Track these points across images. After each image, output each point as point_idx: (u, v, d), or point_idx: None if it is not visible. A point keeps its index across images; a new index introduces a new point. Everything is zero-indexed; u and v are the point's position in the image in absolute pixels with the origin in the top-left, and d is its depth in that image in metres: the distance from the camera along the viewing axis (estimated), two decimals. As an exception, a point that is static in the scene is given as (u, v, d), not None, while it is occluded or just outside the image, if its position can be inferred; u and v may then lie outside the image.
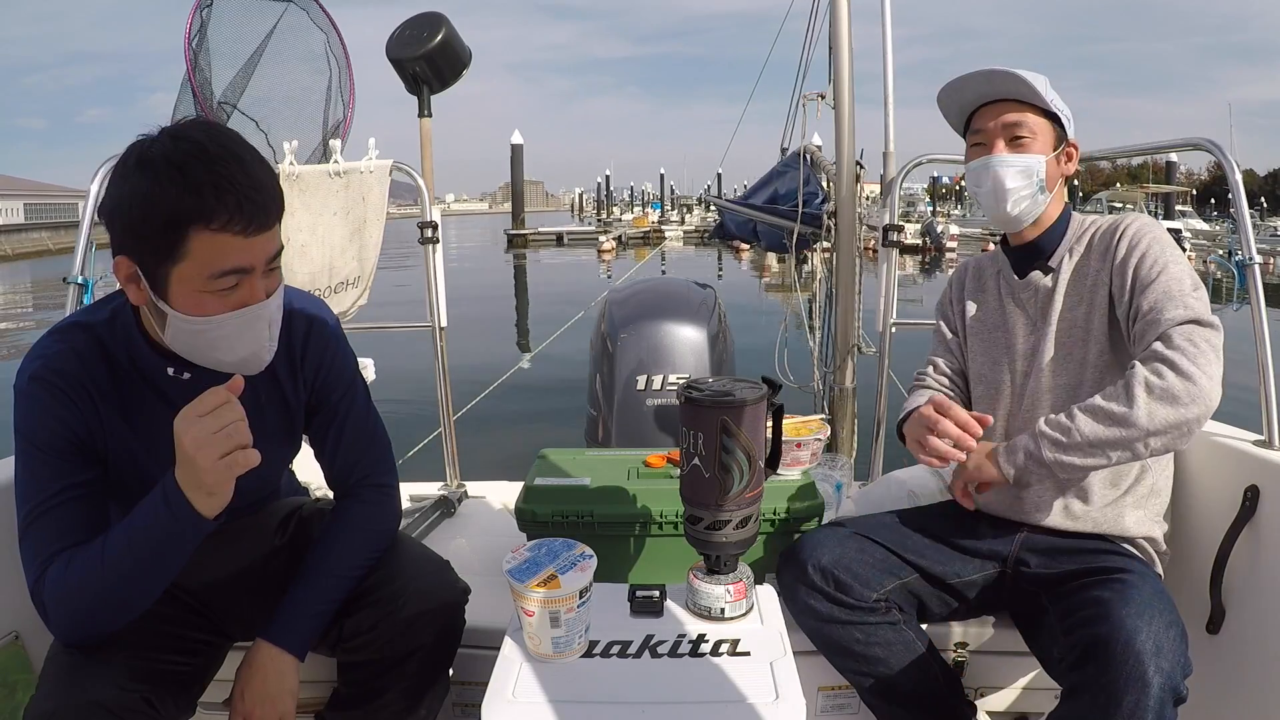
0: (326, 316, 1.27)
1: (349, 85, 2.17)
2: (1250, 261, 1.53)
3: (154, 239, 0.96)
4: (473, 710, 1.46)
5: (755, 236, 3.44)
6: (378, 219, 2.12)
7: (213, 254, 0.97)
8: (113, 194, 0.98)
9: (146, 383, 1.11)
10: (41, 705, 0.98)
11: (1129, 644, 1.02)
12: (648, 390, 2.35)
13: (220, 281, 0.99)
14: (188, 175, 0.94)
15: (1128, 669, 1.01)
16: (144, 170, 0.95)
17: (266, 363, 1.10)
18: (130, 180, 0.96)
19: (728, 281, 20.15)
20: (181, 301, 0.99)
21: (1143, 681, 1.00)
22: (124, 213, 0.96)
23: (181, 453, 0.96)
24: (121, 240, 0.99)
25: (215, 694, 1.21)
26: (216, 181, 0.94)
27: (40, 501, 1.04)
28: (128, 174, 0.96)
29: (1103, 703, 1.02)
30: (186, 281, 0.98)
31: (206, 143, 0.97)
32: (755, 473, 1.18)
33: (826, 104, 2.88)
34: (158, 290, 1.00)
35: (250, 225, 0.97)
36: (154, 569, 1.02)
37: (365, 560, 1.22)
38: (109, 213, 0.99)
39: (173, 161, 0.94)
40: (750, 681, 1.05)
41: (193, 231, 0.95)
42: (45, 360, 1.07)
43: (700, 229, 41.98)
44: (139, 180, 0.95)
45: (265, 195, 0.99)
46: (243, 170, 0.97)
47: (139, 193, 0.95)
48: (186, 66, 1.87)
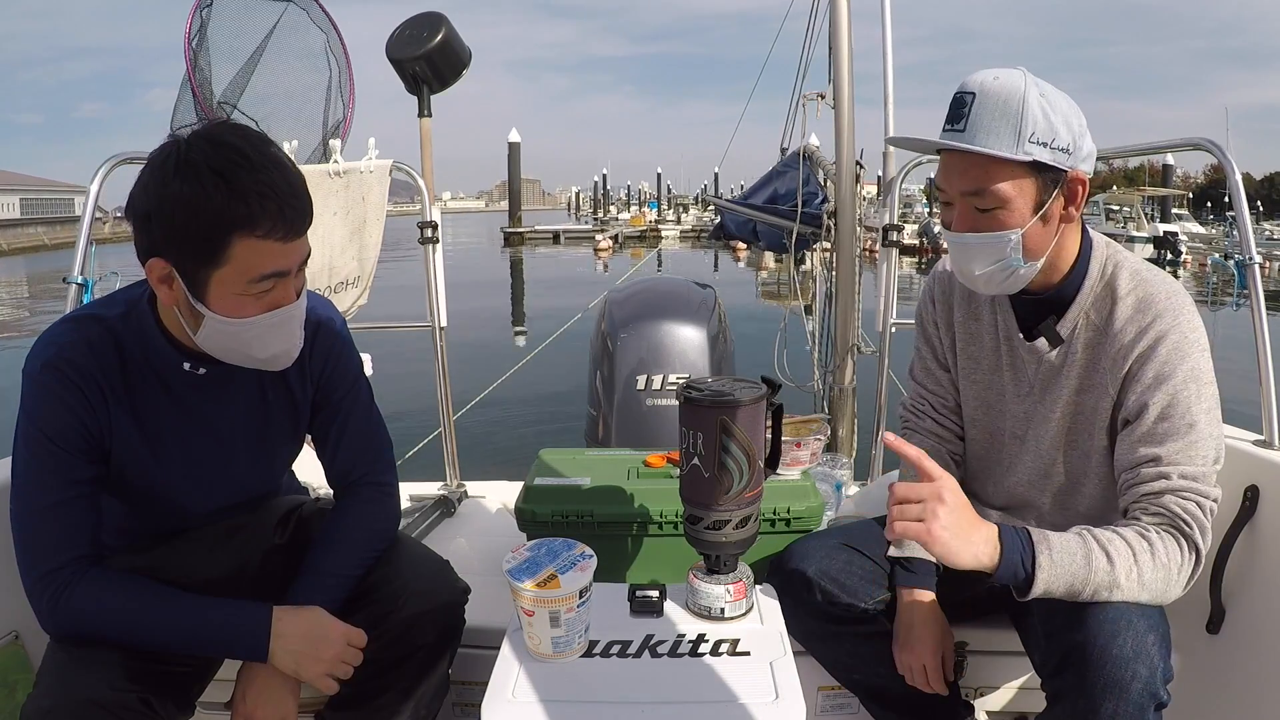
0: (334, 316, 1.28)
1: (349, 85, 2.17)
2: (1250, 261, 1.53)
3: (196, 244, 0.98)
4: (473, 710, 1.46)
5: (755, 236, 3.44)
6: (377, 219, 2.12)
7: (254, 259, 1.00)
8: (151, 197, 0.98)
9: (158, 379, 1.12)
10: (39, 703, 0.98)
11: (1106, 649, 1.00)
12: (647, 390, 2.35)
13: (259, 285, 1.02)
14: (232, 183, 0.96)
15: (1105, 675, 0.99)
16: (185, 176, 0.96)
17: (294, 358, 1.14)
18: (172, 185, 0.96)
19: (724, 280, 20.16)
20: (219, 304, 1.02)
21: (1120, 688, 0.98)
22: (166, 217, 0.97)
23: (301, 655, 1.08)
24: (160, 243, 1.00)
25: (215, 694, 1.20)
26: (261, 190, 0.97)
27: (46, 496, 1.05)
28: (168, 179, 0.96)
29: (1082, 708, 1.01)
30: (226, 285, 1.01)
31: (248, 150, 0.98)
32: (755, 473, 1.17)
33: (826, 104, 2.88)
34: (196, 292, 1.02)
35: (290, 232, 1.01)
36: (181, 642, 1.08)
37: (364, 559, 1.22)
38: (145, 215, 0.99)
39: (215, 169, 0.96)
40: (750, 681, 1.05)
41: (236, 238, 0.98)
42: (59, 349, 1.07)
43: (697, 228, 42.00)
44: (181, 186, 0.96)
45: (303, 202, 1.02)
46: (284, 178, 1.00)
47: (182, 198, 0.96)
48: (186, 66, 1.86)
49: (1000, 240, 1.13)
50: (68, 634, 1.06)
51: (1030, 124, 1.07)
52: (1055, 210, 1.13)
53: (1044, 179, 1.11)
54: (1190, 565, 1.08)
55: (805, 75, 3.25)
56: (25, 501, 1.06)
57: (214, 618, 1.08)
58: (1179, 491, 1.09)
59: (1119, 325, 1.16)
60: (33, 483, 1.06)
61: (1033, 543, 1.05)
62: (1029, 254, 1.15)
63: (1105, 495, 1.25)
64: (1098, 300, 1.20)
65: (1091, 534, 1.07)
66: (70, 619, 1.04)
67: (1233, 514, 1.39)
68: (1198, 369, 1.12)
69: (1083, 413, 1.22)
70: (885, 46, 2.45)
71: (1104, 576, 1.04)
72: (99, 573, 1.06)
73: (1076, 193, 1.14)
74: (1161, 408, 1.12)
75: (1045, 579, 1.03)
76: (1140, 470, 1.12)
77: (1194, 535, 1.07)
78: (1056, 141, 1.09)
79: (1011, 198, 1.11)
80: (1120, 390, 1.16)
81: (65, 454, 1.06)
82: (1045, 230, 1.14)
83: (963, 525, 1.04)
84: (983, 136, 1.08)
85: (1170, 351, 1.12)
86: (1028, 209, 1.12)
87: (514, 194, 49.54)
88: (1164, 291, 1.15)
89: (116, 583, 1.07)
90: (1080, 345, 1.21)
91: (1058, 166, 1.10)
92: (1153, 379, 1.12)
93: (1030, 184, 1.11)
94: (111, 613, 1.05)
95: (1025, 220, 1.12)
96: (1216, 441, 1.12)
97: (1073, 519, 1.25)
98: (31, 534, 1.05)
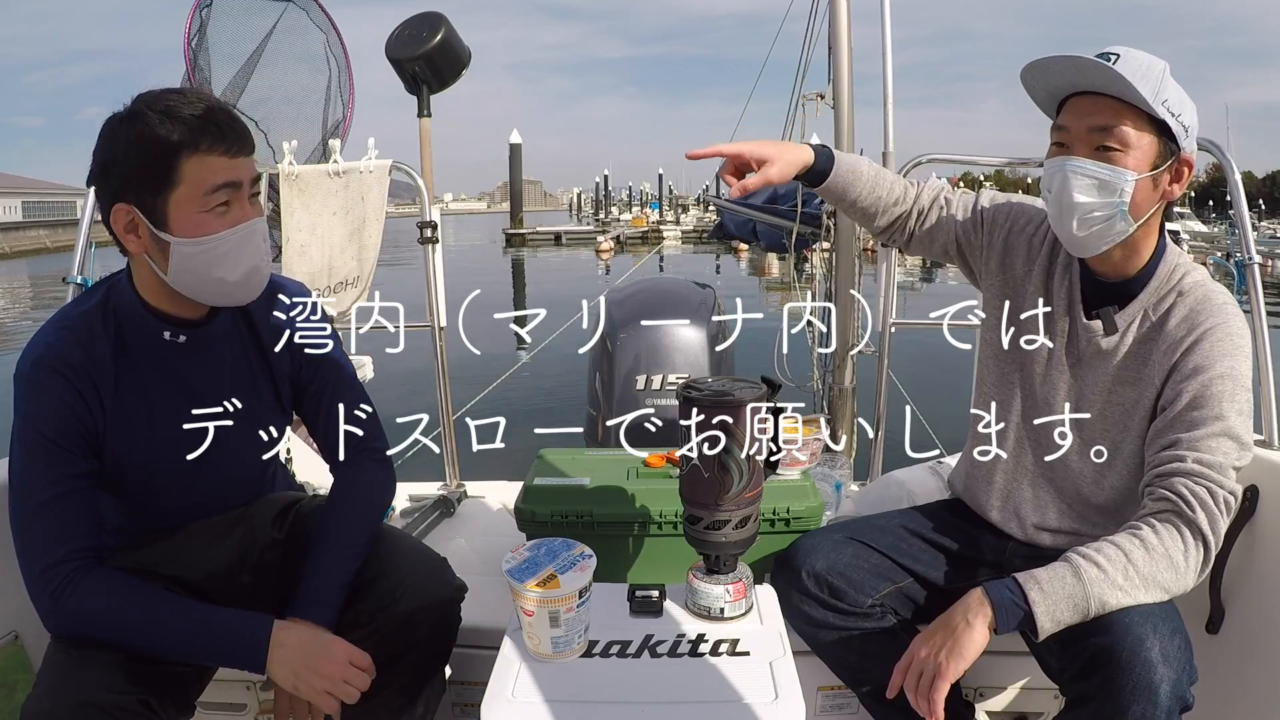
0: (306, 294, 1.31)
1: (348, 85, 2.17)
2: (1250, 261, 1.53)
3: (151, 173, 1.07)
4: (472, 710, 1.46)
5: (755, 236, 3.45)
6: (377, 219, 2.11)
7: (204, 173, 1.08)
8: (104, 151, 1.09)
9: (144, 353, 1.15)
10: (38, 704, 0.98)
11: (1135, 653, 1.00)
12: (647, 390, 2.35)
13: (214, 198, 1.09)
14: (172, 114, 1.06)
15: (1134, 678, 0.99)
16: (131, 120, 1.07)
17: (265, 280, 1.19)
18: (119, 132, 1.07)
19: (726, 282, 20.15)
20: (181, 225, 1.08)
21: (1150, 690, 0.98)
22: (119, 159, 1.07)
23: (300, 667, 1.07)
24: (118, 187, 1.08)
25: (215, 694, 1.21)
26: (198, 113, 1.07)
27: (42, 491, 1.06)
28: (116, 129, 1.08)
29: (1110, 711, 1.00)
30: (184, 206, 1.08)
31: (184, 90, 1.14)
32: (755, 473, 1.17)
33: (826, 104, 2.88)
34: (158, 223, 1.08)
35: (232, 147, 1.10)
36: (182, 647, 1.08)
37: (368, 526, 1.24)
38: (102, 167, 1.09)
39: (155, 108, 1.07)
40: (750, 681, 1.05)
41: (184, 157, 1.07)
42: (48, 346, 1.10)
43: (698, 229, 42.02)
44: (128, 129, 1.07)
45: (239, 124, 1.13)
46: (219, 105, 1.12)
47: (131, 138, 1.06)
48: (186, 66, 1.86)
49: (1116, 176, 1.14)
50: (69, 633, 1.06)
51: (1166, 91, 1.13)
52: (1163, 180, 1.17)
53: (1164, 145, 1.15)
54: (1197, 551, 1.07)
55: (805, 75, 3.26)
56: (22, 498, 1.07)
57: (215, 625, 1.09)
58: (1192, 475, 1.09)
59: (1174, 324, 1.18)
60: (29, 479, 1.07)
61: (1018, 583, 1.07)
62: (1134, 208, 1.16)
63: (1125, 493, 1.25)
64: (1161, 300, 1.21)
65: (1076, 551, 1.08)
66: (72, 618, 1.05)
67: (1233, 514, 1.39)
68: (1236, 369, 1.13)
69: (1121, 404, 1.23)
70: (885, 46, 2.45)
71: (1102, 585, 1.04)
72: (102, 573, 1.07)
73: (1183, 173, 1.17)
74: (1193, 396, 1.13)
75: (1046, 609, 1.04)
76: (1160, 453, 1.13)
77: (1198, 520, 1.06)
78: (1184, 117, 1.14)
79: (1134, 145, 1.14)
80: (1164, 383, 1.18)
81: (60, 449, 1.07)
82: (1152, 195, 1.17)
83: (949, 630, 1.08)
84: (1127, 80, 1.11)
85: (1213, 346, 1.14)
86: (1145, 163, 1.15)
87: (515, 195, 49.60)
88: (1220, 298, 1.19)
89: (119, 583, 1.07)
90: (1132, 339, 1.22)
91: (1177, 139, 1.15)
92: (1191, 369, 1.14)
93: (1152, 142, 1.14)
94: (113, 613, 1.05)
95: (1142, 170, 1.15)
96: (1243, 443, 1.11)
97: (1082, 506, 1.28)
98: (30, 530, 1.06)
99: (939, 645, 1.07)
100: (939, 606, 1.38)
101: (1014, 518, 1.36)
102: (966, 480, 1.45)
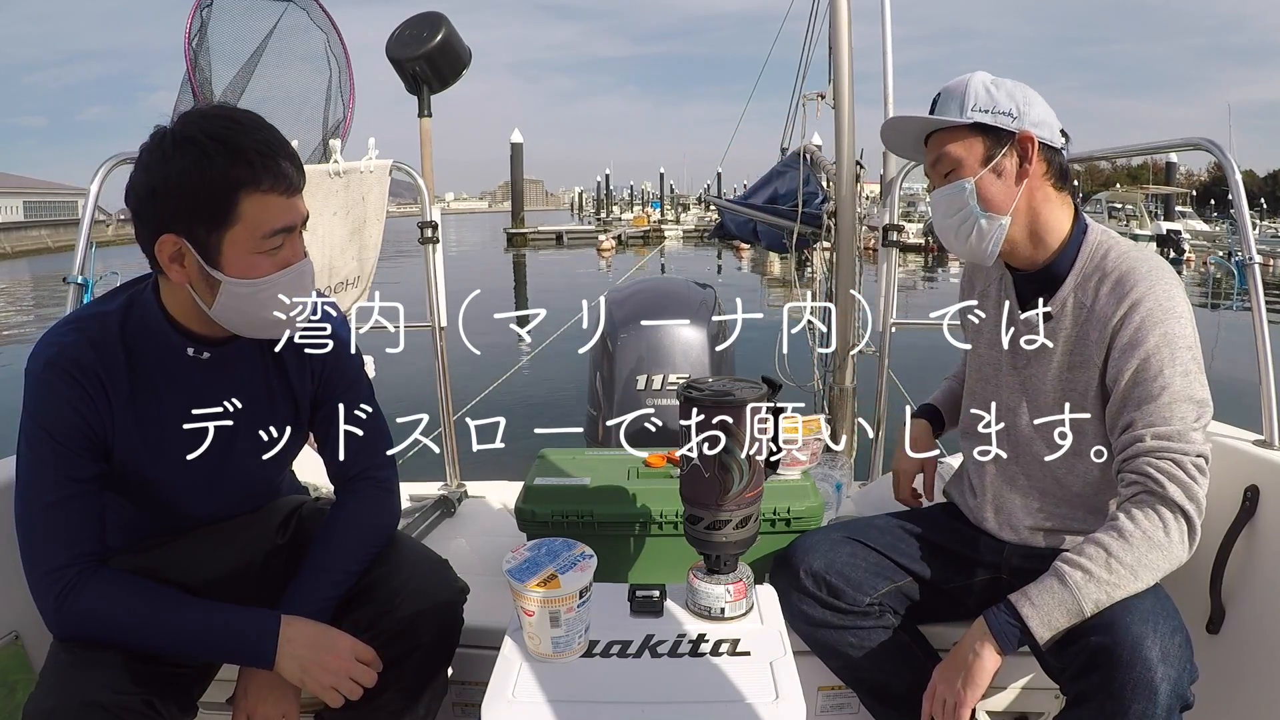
0: (335, 312, 1.29)
1: (349, 85, 2.17)
2: (1250, 261, 1.53)
3: (206, 208, 1.02)
4: (472, 710, 1.46)
5: (755, 236, 3.44)
6: (377, 219, 2.12)
7: (263, 215, 1.04)
8: (155, 174, 1.02)
9: (161, 366, 1.13)
10: (41, 704, 0.98)
11: (1135, 651, 1.01)
12: (648, 390, 2.35)
13: (270, 241, 1.06)
14: (231, 146, 1.01)
15: (1134, 676, 1.00)
16: (185, 147, 1.01)
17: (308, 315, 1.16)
18: (174, 159, 1.01)
19: (726, 281, 20.14)
20: (234, 266, 1.05)
21: (1150, 689, 0.99)
22: (173, 189, 1.02)
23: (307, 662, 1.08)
24: (168, 217, 1.03)
25: (216, 694, 1.21)
26: (259, 148, 1.03)
27: (48, 494, 1.05)
28: (169, 154, 1.01)
29: (1110, 710, 1.01)
30: (239, 245, 1.05)
31: (239, 116, 1.06)
32: (755, 473, 1.17)
33: (826, 104, 2.88)
34: (209, 259, 1.05)
35: (291, 186, 1.07)
36: (188, 646, 1.08)
37: (363, 556, 1.22)
38: (150, 193, 1.03)
39: (212, 136, 1.01)
40: (750, 681, 1.05)
41: (244, 195, 1.02)
42: (61, 348, 1.08)
43: (699, 228, 41.98)
44: (183, 157, 1.01)
45: (296, 160, 1.09)
46: (276, 138, 1.07)
47: (187, 167, 1.01)
48: (186, 66, 1.86)
49: (956, 189, 1.26)
50: (73, 635, 1.06)
51: (972, 98, 1.24)
52: (1008, 165, 1.25)
53: (990, 138, 1.24)
54: (1179, 524, 1.10)
55: (805, 75, 3.25)
56: (28, 500, 1.06)
57: (221, 623, 1.09)
58: (1154, 452, 1.13)
59: (1102, 301, 1.22)
60: (36, 481, 1.06)
61: (1011, 604, 1.13)
62: (987, 204, 1.25)
63: (1100, 477, 1.27)
64: (1087, 279, 1.25)
65: (1061, 559, 1.13)
66: (76, 620, 1.05)
67: (1233, 514, 1.39)
68: (1171, 333, 1.16)
69: (1074, 389, 1.26)
70: (885, 46, 2.45)
71: (1088, 585, 1.08)
72: (106, 574, 1.07)
73: (1028, 149, 1.24)
74: (1134, 371, 1.17)
75: (1040, 621, 1.11)
76: (1121, 436, 1.18)
77: (1170, 494, 1.10)
78: (997, 108, 1.24)
79: (962, 157, 1.26)
80: (1104, 361, 1.21)
81: (68, 451, 1.06)
82: (1003, 185, 1.25)
83: (961, 663, 1.17)
84: (937, 115, 1.27)
85: (1144, 319, 1.17)
86: (977, 163, 1.25)
87: (517, 194, 49.59)
88: (1145, 266, 1.21)
89: (123, 585, 1.07)
90: (1069, 321, 1.26)
91: (1001, 127, 1.23)
92: (1127, 344, 1.18)
93: (978, 143, 1.25)
94: (118, 615, 1.05)
95: (977, 170, 1.25)
96: (1197, 401, 1.14)
97: (1066, 499, 1.29)
98: (35, 532, 1.06)
99: (955, 677, 1.16)
100: (937, 606, 1.40)
101: (1007, 526, 1.37)
102: (961, 492, 1.47)
